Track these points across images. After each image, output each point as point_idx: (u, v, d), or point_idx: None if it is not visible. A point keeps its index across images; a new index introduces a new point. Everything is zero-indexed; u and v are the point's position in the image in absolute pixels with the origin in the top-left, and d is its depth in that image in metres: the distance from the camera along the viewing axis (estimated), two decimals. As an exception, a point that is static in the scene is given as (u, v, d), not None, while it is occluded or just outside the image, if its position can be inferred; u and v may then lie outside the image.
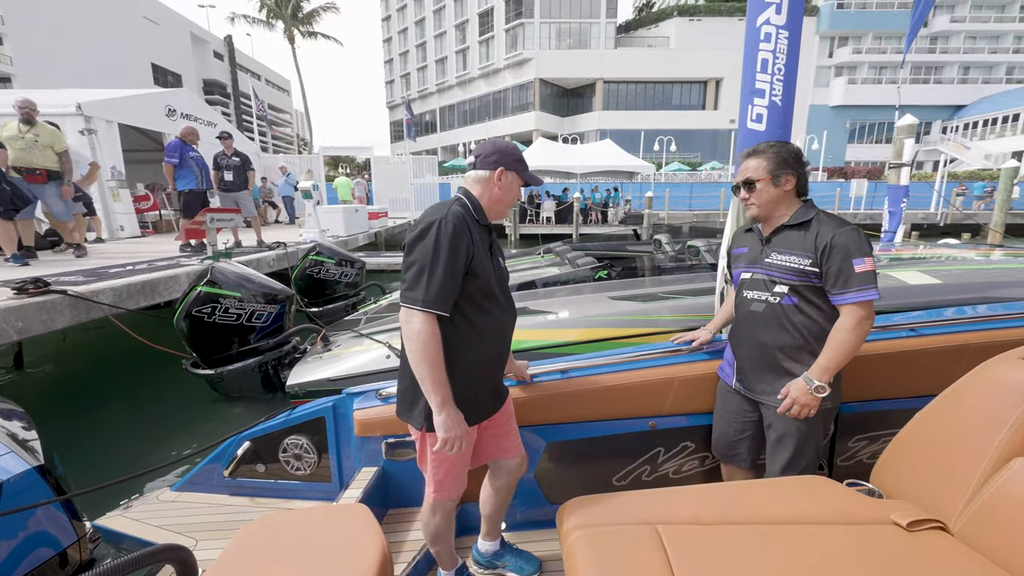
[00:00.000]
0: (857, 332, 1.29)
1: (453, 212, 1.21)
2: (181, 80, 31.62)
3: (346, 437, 1.87)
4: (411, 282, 1.16)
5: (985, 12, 33.53)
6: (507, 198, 1.34)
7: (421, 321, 1.14)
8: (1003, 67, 34.15)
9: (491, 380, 1.39)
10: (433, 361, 1.15)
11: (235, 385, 3.30)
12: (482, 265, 1.24)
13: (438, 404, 1.17)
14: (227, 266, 3.30)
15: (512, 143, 1.41)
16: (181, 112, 9.86)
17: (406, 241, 1.22)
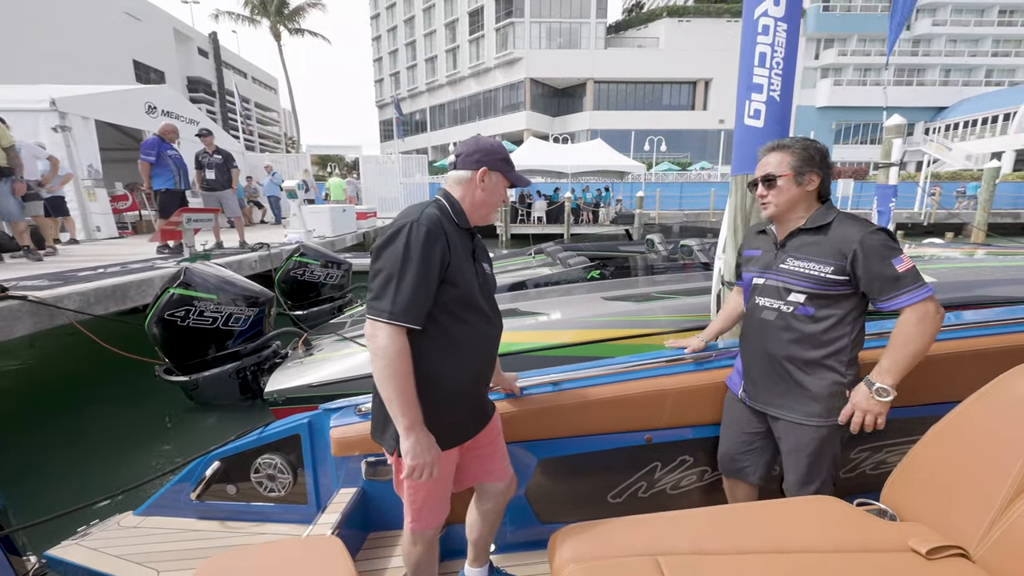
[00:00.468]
0: (921, 330, 1.17)
1: (427, 215, 1.10)
2: (164, 77, 30.88)
3: (323, 455, 1.74)
4: (377, 291, 1.05)
5: (965, 16, 34.26)
6: (491, 201, 1.23)
7: (388, 335, 1.03)
8: (983, 70, 34.96)
9: (474, 397, 1.27)
10: (400, 380, 1.04)
11: (211, 392, 3.15)
12: (461, 273, 1.13)
13: (405, 428, 1.06)
14: (203, 267, 3.15)
15: (497, 141, 1.29)
16: (162, 109, 9.58)
17: (373, 246, 1.11)
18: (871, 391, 1.23)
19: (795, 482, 1.38)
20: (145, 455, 3.12)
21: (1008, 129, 29.88)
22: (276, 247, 6.17)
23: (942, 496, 1.09)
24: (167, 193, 5.19)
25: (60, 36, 22.18)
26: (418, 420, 1.07)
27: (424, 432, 1.08)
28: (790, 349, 1.32)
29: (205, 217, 4.60)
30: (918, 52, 34.63)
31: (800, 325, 1.30)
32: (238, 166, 8.70)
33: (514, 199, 16.28)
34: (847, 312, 1.27)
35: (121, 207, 9.44)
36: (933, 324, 1.17)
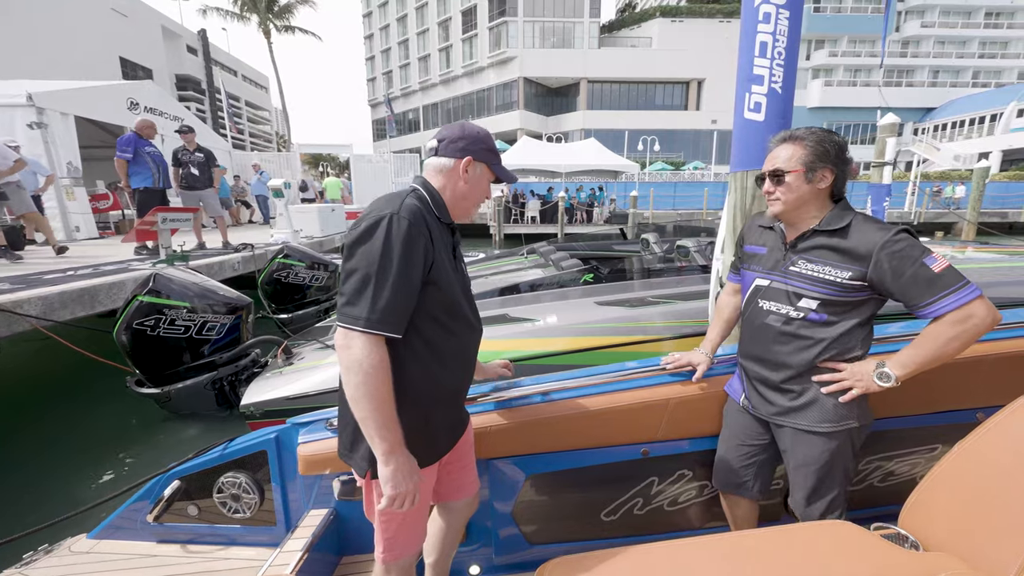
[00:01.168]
0: (958, 331, 1.04)
1: (408, 206, 0.96)
2: (152, 75, 30.38)
3: (292, 473, 1.60)
4: (351, 295, 0.91)
5: (952, 18, 34.72)
6: (474, 194, 1.10)
7: (363, 346, 0.89)
8: (969, 71, 35.44)
9: (452, 411, 1.16)
10: (378, 398, 0.90)
11: (185, 404, 2.98)
12: (445, 272, 1.01)
13: (384, 452, 0.93)
14: (174, 273, 2.98)
15: (484, 129, 1.15)
16: (145, 105, 9.32)
17: (345, 242, 0.96)
18: (875, 370, 1.13)
19: (803, 499, 1.27)
20: (114, 470, 2.94)
21: (995, 130, 30.30)
22: (261, 248, 5.98)
23: (971, 523, 0.97)
24: (146, 192, 4.98)
25: (44, 32, 21.71)
26: (399, 442, 0.94)
27: (406, 456, 0.96)
28: (798, 356, 1.21)
29: (183, 217, 4.41)
30: (907, 53, 35.04)
31: (810, 332, 1.19)
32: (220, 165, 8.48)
33: (508, 199, 16.16)
34: (862, 319, 1.17)
35: (102, 207, 9.16)
36: (977, 329, 1.02)
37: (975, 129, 31.77)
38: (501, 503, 1.55)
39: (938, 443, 1.65)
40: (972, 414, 1.62)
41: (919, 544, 1.06)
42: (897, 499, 1.73)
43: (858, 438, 1.23)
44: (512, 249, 6.15)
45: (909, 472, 1.69)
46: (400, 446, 0.95)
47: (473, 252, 6.50)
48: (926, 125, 34.39)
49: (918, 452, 1.66)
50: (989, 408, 1.63)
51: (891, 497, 1.70)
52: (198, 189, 5.58)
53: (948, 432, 1.64)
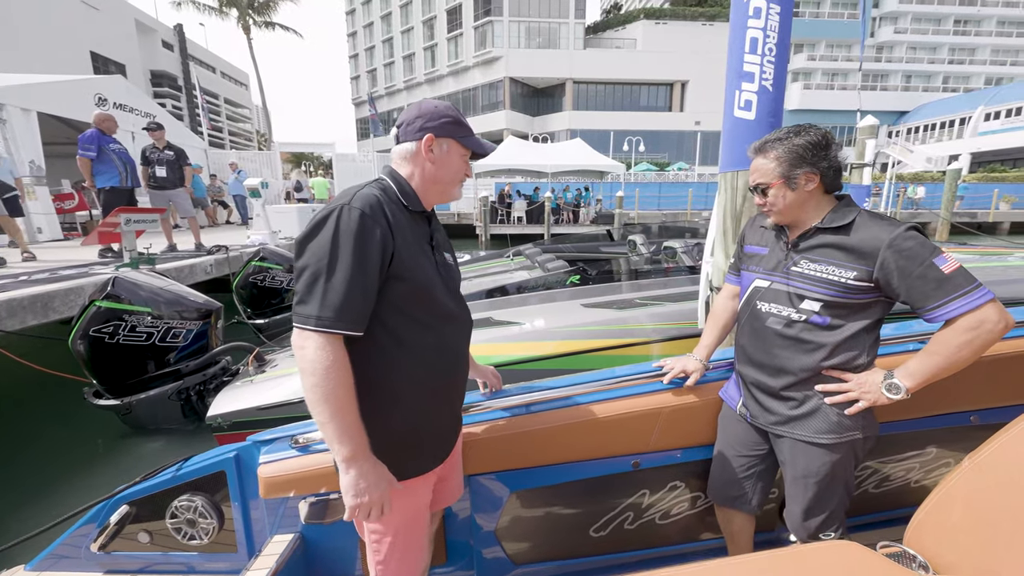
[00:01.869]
0: (970, 338, 0.98)
1: (362, 196, 0.91)
2: (125, 71, 29.34)
3: (254, 494, 1.48)
4: (302, 293, 0.87)
5: (924, 24, 35.93)
6: (446, 174, 1.03)
7: (317, 346, 0.85)
8: (940, 76, 36.73)
9: (442, 414, 1.08)
10: (336, 401, 0.86)
11: (148, 416, 2.80)
12: (414, 264, 0.95)
13: (344, 459, 0.88)
14: (136, 276, 2.79)
15: (444, 103, 1.06)
16: (114, 102, 8.94)
17: (296, 239, 0.92)
18: (883, 381, 1.07)
19: (800, 512, 1.21)
20: (66, 492, 2.71)
21: (964, 133, 31.46)
22: (237, 249, 5.75)
23: (985, 542, 0.91)
24: (112, 191, 4.72)
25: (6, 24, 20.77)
26: (360, 448, 0.89)
27: (371, 463, 0.91)
28: (800, 361, 1.14)
29: (148, 218, 4.18)
30: (881, 58, 36.14)
31: (813, 335, 1.12)
32: (196, 164, 8.16)
33: (494, 199, 16.04)
34: (867, 322, 1.11)
35: (67, 207, 8.74)
36: (990, 334, 0.96)
37: (946, 132, 32.94)
38: (484, 521, 1.46)
39: (932, 447, 1.62)
40: (966, 417, 1.58)
41: (928, 565, 0.99)
42: (892, 504, 1.70)
43: (861, 450, 1.17)
44: (498, 251, 6.04)
45: (904, 477, 1.65)
46: (364, 452, 0.89)
47: (458, 253, 6.38)
48: (899, 128, 35.51)
49: (913, 457, 1.62)
50: (983, 411, 1.61)
51: (887, 503, 1.67)
52: (168, 189, 5.32)
53: (942, 436, 1.61)
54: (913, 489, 1.67)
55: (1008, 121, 29.37)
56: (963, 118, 31.88)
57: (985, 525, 0.91)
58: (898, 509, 1.68)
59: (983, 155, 29.44)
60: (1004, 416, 1.59)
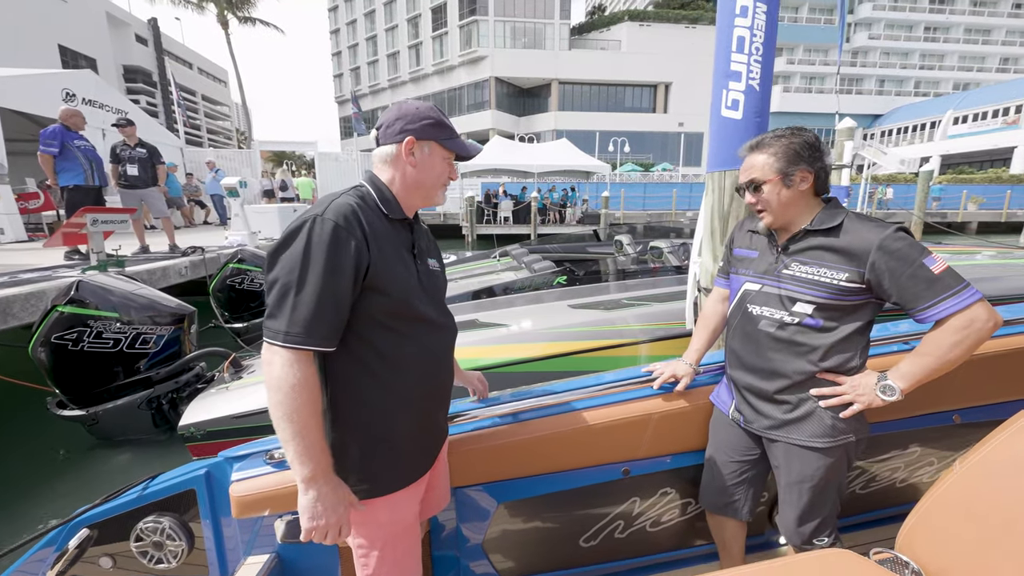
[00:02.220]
0: (960, 338, 0.99)
1: (336, 206, 0.88)
2: (96, 66, 28.34)
3: (227, 513, 1.39)
4: (272, 307, 0.85)
5: (896, 31, 37.15)
6: (428, 178, 1.00)
7: (285, 363, 0.82)
8: (912, 81, 38.06)
9: (425, 425, 1.05)
10: (299, 421, 0.84)
11: (116, 427, 2.66)
12: (391, 275, 0.92)
13: (305, 479, 0.86)
14: (103, 280, 2.65)
15: (426, 103, 1.02)
16: (83, 97, 8.58)
17: (268, 250, 0.88)
18: (877, 383, 1.07)
19: (794, 518, 1.20)
20: (27, 511, 2.55)
21: (934, 136, 32.64)
22: (214, 251, 5.56)
23: (978, 547, 0.90)
24: (76, 190, 4.49)
25: (-35, 15, 19.84)
26: (320, 470, 0.87)
27: (330, 486, 0.89)
28: (793, 364, 1.13)
29: (117, 218, 3.98)
30: (856, 63, 37.24)
31: (805, 339, 1.12)
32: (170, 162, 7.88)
33: (480, 199, 15.96)
34: (859, 324, 1.10)
35: (32, 206, 8.35)
36: (980, 334, 0.97)
37: (917, 135, 34.13)
38: (471, 534, 1.42)
39: (916, 446, 1.63)
40: (949, 416, 1.60)
41: (921, 572, 0.98)
42: (879, 504, 1.71)
43: (854, 453, 1.17)
44: (484, 251, 5.98)
45: (890, 477, 1.66)
46: (324, 474, 0.88)
47: (444, 254, 6.29)
48: (874, 131, 36.64)
49: (897, 456, 1.63)
50: (965, 410, 1.62)
51: (873, 503, 1.68)
52: (139, 188, 5.10)
53: (926, 435, 1.62)
54: (899, 489, 1.68)
55: (975, 125, 30.61)
56: (933, 122, 33.08)
57: (977, 530, 0.90)
58: (885, 509, 1.69)
59: (952, 157, 30.60)
60: (985, 414, 1.62)
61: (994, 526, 0.88)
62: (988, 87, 32.61)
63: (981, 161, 30.71)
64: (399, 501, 1.00)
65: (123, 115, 7.04)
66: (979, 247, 4.73)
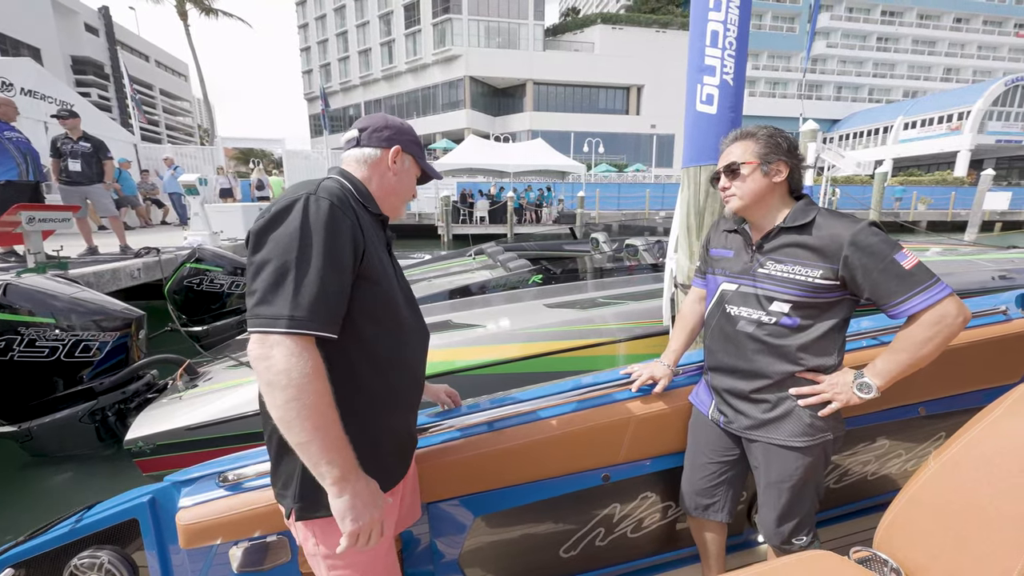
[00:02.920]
0: (932, 334, 0.99)
1: (327, 187, 0.84)
2: (40, 55, 26.50)
3: (176, 543, 1.26)
4: (265, 291, 0.74)
5: (852, 40, 39.19)
6: (403, 189, 1.02)
7: (289, 352, 0.72)
8: (866, 88, 40.23)
9: (401, 428, 1.01)
10: (318, 414, 0.74)
11: (54, 443, 2.43)
12: (381, 265, 0.88)
13: (337, 480, 0.77)
14: (37, 282, 2.41)
15: (409, 124, 1.06)
16: (21, 87, 7.94)
17: (251, 230, 0.79)
18: (854, 381, 1.06)
19: (774, 519, 1.19)
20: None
21: (887, 140, 34.62)
22: (171, 252, 5.24)
23: (953, 543, 0.90)
24: (8, 186, 4.08)
25: None
26: (351, 465, 0.79)
27: (363, 480, 0.81)
28: (772, 364, 1.12)
29: (58, 216, 3.66)
30: (816, 70, 39.05)
31: (783, 339, 1.11)
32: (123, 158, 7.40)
33: (455, 198, 15.79)
34: (836, 322, 1.09)
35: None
36: (951, 328, 0.97)
37: (871, 139, 36.10)
38: (446, 549, 1.34)
39: (885, 439, 1.66)
40: (915, 409, 1.63)
41: (900, 569, 0.97)
42: (853, 497, 1.73)
43: (832, 451, 1.16)
44: (459, 250, 5.88)
45: (861, 471, 1.69)
46: (355, 469, 0.80)
47: (419, 253, 6.15)
48: (833, 135, 38.51)
49: (866, 450, 1.66)
50: (931, 401, 1.66)
51: (847, 497, 1.70)
52: (83, 184, 4.73)
53: (894, 428, 1.65)
54: (871, 482, 1.71)
55: (923, 130, 32.63)
56: (886, 127, 35.11)
57: (953, 526, 0.90)
58: (859, 501, 1.72)
59: (903, 160, 32.51)
60: (949, 405, 1.66)
61: (969, 521, 0.88)
62: (934, 95, 34.87)
63: (928, 164, 32.80)
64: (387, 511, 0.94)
65: (67, 106, 6.52)
66: (929, 243, 4.99)
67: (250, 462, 1.21)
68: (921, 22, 39.38)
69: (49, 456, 2.53)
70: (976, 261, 3.60)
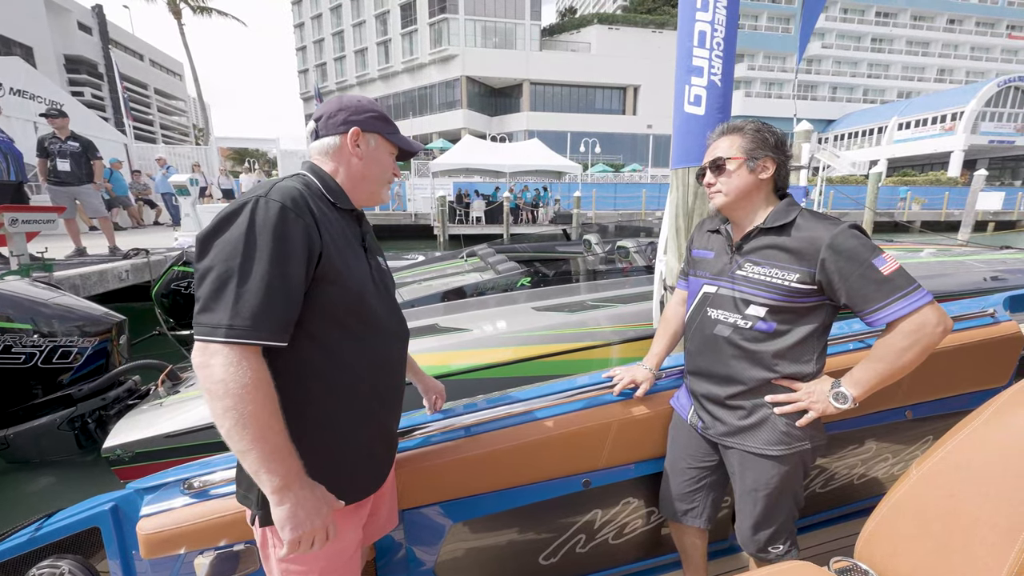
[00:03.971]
0: (911, 343, 0.95)
1: (281, 188, 0.80)
2: (33, 54, 26.28)
3: (139, 553, 1.22)
4: (207, 299, 0.73)
5: (846, 41, 39.38)
6: (374, 172, 0.95)
7: (228, 361, 0.71)
8: (861, 89, 40.42)
9: (376, 436, 0.96)
10: (258, 424, 0.72)
11: (32, 449, 2.38)
12: (345, 266, 0.84)
13: (277, 489, 0.76)
14: (15, 287, 2.37)
15: (366, 97, 0.97)
16: (10, 86, 7.84)
17: (197, 236, 0.77)
18: (831, 391, 1.03)
19: (750, 527, 1.17)
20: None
21: (881, 140, 34.81)
22: (160, 253, 5.18)
23: (937, 552, 0.87)
24: (-7, 187, 4.06)
25: None
26: (293, 474, 0.77)
27: (307, 489, 0.79)
28: (747, 369, 1.09)
29: (43, 217, 3.60)
30: (811, 71, 39.22)
31: (758, 344, 1.07)
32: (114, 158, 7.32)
33: (451, 198, 15.74)
34: (814, 328, 1.06)
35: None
36: (930, 338, 0.94)
37: (866, 140, 36.28)
38: (422, 557, 1.31)
39: (872, 443, 1.64)
40: (902, 412, 1.62)
41: None
42: (838, 502, 1.71)
43: (810, 460, 1.13)
44: (451, 252, 5.84)
45: (847, 475, 1.67)
46: (298, 478, 0.78)
47: (412, 254, 6.11)
48: (827, 135, 38.68)
49: (853, 455, 1.64)
50: (916, 405, 1.65)
51: (832, 502, 1.68)
52: (72, 185, 4.67)
53: (880, 432, 1.64)
54: (857, 487, 1.69)
55: (916, 131, 32.81)
56: (880, 127, 35.28)
57: (934, 536, 0.88)
58: (847, 505, 1.70)
59: (897, 160, 32.71)
60: (936, 409, 1.64)
61: (952, 529, 0.85)
62: (928, 96, 35.07)
63: (922, 164, 32.98)
64: (351, 516, 0.92)
65: (56, 105, 6.44)
66: (922, 244, 5.00)
67: (216, 468, 1.18)
68: (915, 23, 39.61)
69: (27, 463, 2.48)
70: (969, 262, 3.59)
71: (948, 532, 0.86)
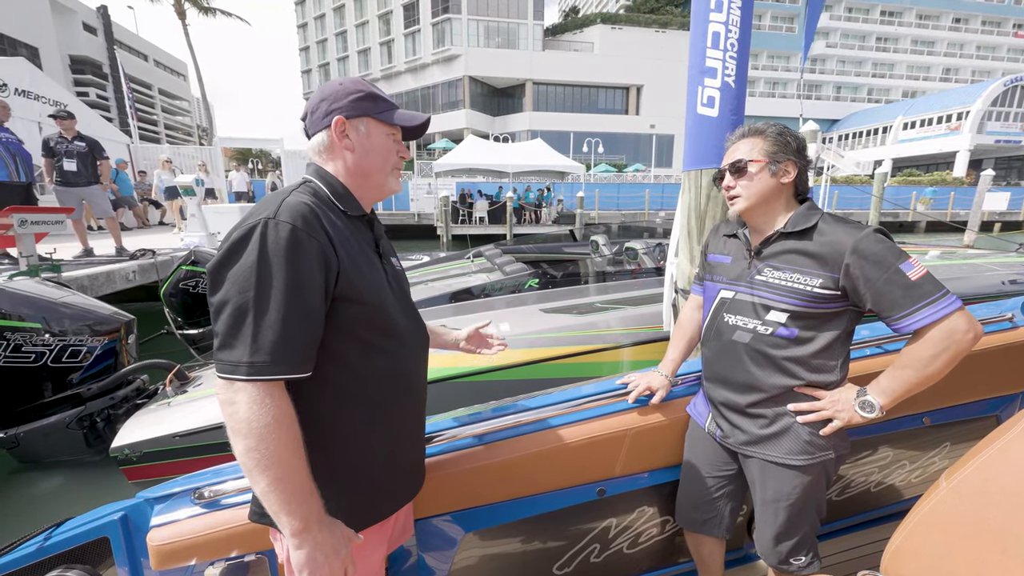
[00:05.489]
0: (940, 351, 0.92)
1: (289, 205, 0.74)
2: (38, 54, 26.42)
3: (150, 563, 1.22)
4: (225, 336, 0.70)
5: (851, 40, 39.19)
6: (372, 162, 0.86)
7: (252, 400, 0.68)
8: (865, 88, 40.22)
9: (401, 449, 0.93)
10: (281, 466, 0.70)
11: (41, 449, 2.38)
12: (363, 281, 0.80)
13: (297, 532, 0.73)
14: (24, 287, 2.37)
15: (351, 78, 0.88)
16: (15, 87, 7.88)
17: (208, 267, 0.73)
18: (856, 399, 1.00)
19: (771, 538, 1.14)
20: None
21: (886, 140, 34.62)
22: (167, 253, 5.20)
23: (972, 570, 0.85)
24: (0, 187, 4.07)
25: None
26: (313, 517, 0.74)
27: (326, 531, 0.76)
28: (768, 377, 1.07)
29: (51, 218, 3.61)
30: (815, 70, 39.05)
31: (780, 350, 1.05)
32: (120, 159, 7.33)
33: (455, 198, 15.75)
34: (837, 334, 1.03)
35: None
36: (960, 345, 0.91)
37: (871, 139, 36.10)
38: (434, 567, 1.30)
39: (889, 449, 1.62)
40: (919, 419, 1.59)
41: None
42: (853, 511, 1.70)
43: (833, 470, 1.11)
44: (458, 252, 5.83)
45: (864, 482, 1.64)
46: (317, 520, 0.75)
47: (417, 254, 6.10)
48: (832, 135, 38.51)
49: (869, 461, 1.62)
50: (934, 411, 1.62)
51: (848, 510, 1.66)
52: (79, 185, 4.68)
53: (897, 438, 1.61)
54: (874, 494, 1.67)
55: (922, 131, 32.63)
56: (885, 127, 35.10)
57: (967, 550, 0.85)
58: (863, 514, 1.68)
59: (902, 160, 32.49)
60: (954, 415, 1.62)
61: (984, 546, 0.83)
62: (933, 95, 34.85)
63: (927, 164, 32.77)
64: (369, 541, 0.88)
65: (63, 107, 6.46)
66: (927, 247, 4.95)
67: (227, 478, 1.16)
68: (920, 22, 39.38)
69: (37, 462, 2.49)
70: (986, 265, 3.55)
71: (980, 549, 0.83)
